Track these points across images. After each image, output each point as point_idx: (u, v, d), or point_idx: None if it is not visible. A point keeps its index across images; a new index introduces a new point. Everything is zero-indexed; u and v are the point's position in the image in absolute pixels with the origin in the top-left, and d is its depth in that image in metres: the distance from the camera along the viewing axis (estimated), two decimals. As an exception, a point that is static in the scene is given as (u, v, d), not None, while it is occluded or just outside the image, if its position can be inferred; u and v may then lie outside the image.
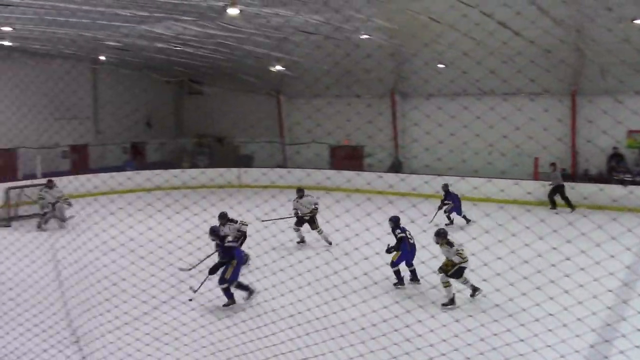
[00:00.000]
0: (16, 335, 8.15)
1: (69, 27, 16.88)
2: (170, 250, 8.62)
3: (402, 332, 7.01)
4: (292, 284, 7.73)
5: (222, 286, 9.27)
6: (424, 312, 7.39)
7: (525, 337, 6.37)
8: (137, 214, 8.38)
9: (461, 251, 9.47)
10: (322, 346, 7.06)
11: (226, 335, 7.51)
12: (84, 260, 8.03)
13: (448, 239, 9.44)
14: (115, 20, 16.44)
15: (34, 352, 7.87)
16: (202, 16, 16.06)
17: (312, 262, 7.88)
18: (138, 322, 8.16)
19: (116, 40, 20.46)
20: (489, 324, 6.73)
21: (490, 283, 7.14)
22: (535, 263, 7.14)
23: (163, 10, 15.11)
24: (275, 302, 7.73)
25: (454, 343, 6.62)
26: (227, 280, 9.25)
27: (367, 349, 7.00)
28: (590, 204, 15.62)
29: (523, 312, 6.86)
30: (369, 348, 7.02)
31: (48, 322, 8.17)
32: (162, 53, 22.77)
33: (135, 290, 8.18)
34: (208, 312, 7.95)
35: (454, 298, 9.30)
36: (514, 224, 7.39)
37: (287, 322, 7.45)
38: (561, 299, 6.64)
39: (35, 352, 7.88)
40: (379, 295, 7.88)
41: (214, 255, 9.74)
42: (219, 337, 7.53)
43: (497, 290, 6.95)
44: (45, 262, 10.33)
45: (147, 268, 8.07)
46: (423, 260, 7.95)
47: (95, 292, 8.13)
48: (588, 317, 6.53)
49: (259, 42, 18.61)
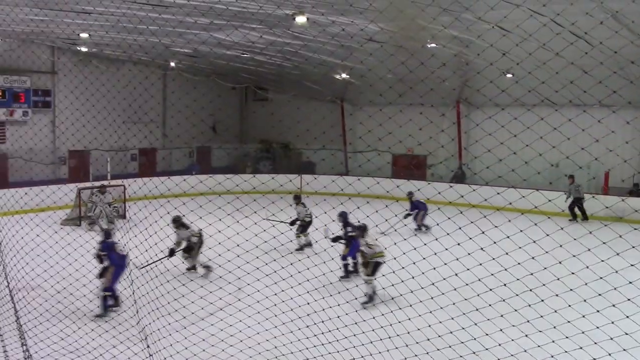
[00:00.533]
0: (88, 330, 8.42)
1: (147, 34, 17.41)
2: (238, 253, 8.73)
3: (468, 344, 6.88)
4: (350, 293, 7.71)
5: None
6: (491, 325, 7.23)
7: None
8: (208, 217, 8.51)
9: (373, 244, 10.04)
10: (386, 355, 7.00)
11: (289, 340, 7.55)
12: (155, 260, 8.23)
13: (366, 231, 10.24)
14: (184, 27, 16.84)
15: (103, 348, 8.12)
16: (270, 24, 16.27)
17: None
18: (204, 323, 8.29)
19: (185, 47, 20.96)
20: (558, 340, 6.52)
21: (563, 298, 6.93)
22: (612, 280, 6.88)
23: (233, 18, 15.39)
24: (339, 309, 7.71)
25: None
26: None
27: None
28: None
29: (596, 329, 6.61)
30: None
31: (118, 318, 8.40)
32: (229, 60, 23.17)
33: (202, 292, 8.31)
34: (273, 316, 7.99)
35: (373, 295, 9.88)
36: (590, 239, 7.15)
37: (349, 329, 7.42)
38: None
39: (104, 347, 8.13)
40: (445, 306, 7.77)
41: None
42: (282, 341, 7.57)
43: (570, 306, 6.75)
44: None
45: (215, 270, 8.20)
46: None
47: (164, 292, 8.30)
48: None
49: (327, 50, 18.71)
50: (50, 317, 8.87)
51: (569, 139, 8.64)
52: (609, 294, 6.57)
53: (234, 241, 9.22)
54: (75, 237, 11.07)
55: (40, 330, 8.41)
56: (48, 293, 10.90)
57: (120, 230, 14.24)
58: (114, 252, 10.27)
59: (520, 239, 7.32)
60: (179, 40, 19.49)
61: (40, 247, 9.16)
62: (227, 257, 8.77)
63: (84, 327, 8.47)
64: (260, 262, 8.36)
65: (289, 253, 8.62)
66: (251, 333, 7.78)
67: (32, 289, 10.41)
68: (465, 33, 15.35)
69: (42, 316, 9.05)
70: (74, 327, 8.54)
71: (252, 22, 16.08)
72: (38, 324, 8.57)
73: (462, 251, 7.44)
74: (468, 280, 7.48)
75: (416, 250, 7.97)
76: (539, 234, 7.19)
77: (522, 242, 7.27)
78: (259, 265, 8.30)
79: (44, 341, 8.19)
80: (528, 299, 7.06)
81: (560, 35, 8.81)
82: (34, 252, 9.37)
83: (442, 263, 7.72)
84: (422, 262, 7.80)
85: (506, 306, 7.22)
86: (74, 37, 20.45)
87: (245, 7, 13.96)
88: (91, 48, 23.62)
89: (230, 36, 18.09)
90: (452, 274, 7.65)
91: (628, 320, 6.56)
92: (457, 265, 7.68)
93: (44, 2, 13.51)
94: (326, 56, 20.16)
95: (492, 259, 7.05)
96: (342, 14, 14.86)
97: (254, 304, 8.27)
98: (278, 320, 7.87)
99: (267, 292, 8.30)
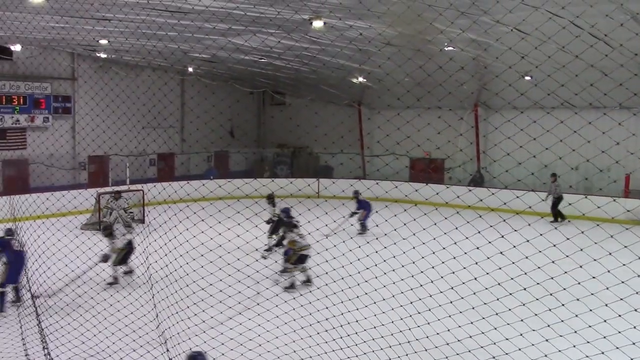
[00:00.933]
0: (108, 334, 8.48)
1: (166, 40, 17.55)
2: (256, 258, 8.77)
3: (488, 349, 6.83)
4: (375, 296, 7.70)
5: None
6: (511, 329, 7.17)
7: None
8: (226, 222, 8.55)
9: (300, 238, 10.99)
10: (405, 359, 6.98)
11: (308, 344, 7.55)
12: (174, 264, 8.28)
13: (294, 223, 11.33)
14: (203, 33, 16.95)
15: (123, 351, 8.17)
16: (288, 29, 16.32)
17: (385, 279, 7.79)
18: (223, 327, 8.32)
19: (204, 53, 21.09)
20: (579, 345, 6.45)
21: (584, 302, 6.87)
22: (634, 284, 6.80)
23: (251, 24, 15.47)
24: (357, 314, 7.70)
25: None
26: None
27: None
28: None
29: (618, 334, 6.53)
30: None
31: (138, 322, 8.46)
32: (247, 65, 23.28)
33: (221, 296, 8.34)
34: (292, 320, 8.01)
35: (293, 285, 10.76)
36: (610, 243, 7.08)
37: (368, 334, 7.41)
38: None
39: (125, 351, 8.19)
40: (465, 311, 7.72)
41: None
42: (301, 345, 7.57)
43: (591, 310, 6.69)
44: (137, 265, 10.72)
45: (234, 275, 8.23)
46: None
47: (183, 296, 8.34)
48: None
49: (345, 54, 18.73)
50: (71, 321, 8.95)
51: (589, 142, 8.57)
52: (631, 299, 6.51)
53: (253, 245, 9.25)
54: (95, 241, 11.20)
55: (61, 334, 8.50)
56: (69, 297, 11.03)
57: (139, 234, 14.35)
58: (9, 249, 10.45)
59: (540, 243, 7.27)
60: (197, 46, 19.63)
61: (62, 251, 9.26)
62: (246, 261, 8.80)
63: (104, 330, 8.53)
64: (279, 266, 8.39)
65: (307, 257, 8.64)
66: (270, 337, 7.79)
67: (53, 293, 10.53)
68: (483, 36, 15.28)
69: (64, 320, 9.14)
70: (95, 331, 8.61)
71: (269, 27, 16.15)
72: (59, 327, 8.66)
73: (482, 255, 7.41)
74: (487, 284, 7.44)
75: (435, 254, 7.95)
76: (559, 237, 7.13)
77: (542, 246, 7.22)
78: (277, 270, 8.32)
79: (65, 345, 8.28)
80: (548, 303, 7.01)
81: (580, 38, 8.75)
82: (55, 256, 9.47)
83: (461, 267, 7.69)
84: (441, 267, 7.78)
85: (526, 310, 7.17)
86: (93, 43, 20.69)
87: (263, 12, 14.03)
88: (111, 54, 23.88)
89: (249, 41, 18.18)
90: (471, 278, 7.62)
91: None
92: (476, 269, 7.64)
93: (64, 9, 13.68)
94: (344, 60, 20.18)
95: (512, 263, 7.01)
96: (360, 18, 14.87)
97: (272, 308, 8.28)
98: (297, 324, 7.88)
99: (285, 296, 8.33)
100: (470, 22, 13.18)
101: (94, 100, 21.96)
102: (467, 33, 14.45)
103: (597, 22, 10.67)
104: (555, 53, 9.48)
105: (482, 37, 15.58)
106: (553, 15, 9.72)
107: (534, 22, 10.73)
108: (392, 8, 12.43)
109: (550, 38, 8.49)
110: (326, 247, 8.42)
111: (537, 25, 10.35)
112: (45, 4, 12.95)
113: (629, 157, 13.46)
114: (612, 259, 6.79)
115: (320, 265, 8.24)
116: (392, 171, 26.02)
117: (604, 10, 10.93)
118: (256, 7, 13.57)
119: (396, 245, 9.10)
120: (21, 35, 18.43)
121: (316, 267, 8.16)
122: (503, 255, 7.08)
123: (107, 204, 18.49)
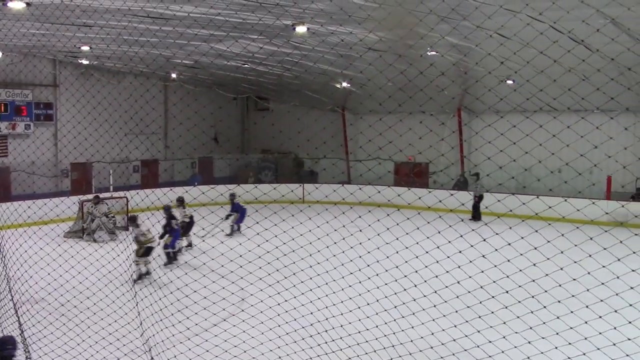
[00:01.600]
0: (92, 343, 8.43)
1: (148, 46, 17.52)
2: (242, 264, 8.76)
3: (472, 352, 6.89)
4: (360, 300, 7.73)
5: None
6: (494, 332, 7.23)
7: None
8: (210, 228, 8.54)
9: (146, 232, 12.40)
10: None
11: (293, 350, 7.56)
12: (158, 272, 8.26)
13: (137, 223, 12.57)
14: (185, 39, 16.94)
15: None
16: (271, 35, 16.36)
17: (369, 283, 7.83)
18: (208, 334, 8.31)
19: (186, 59, 21.07)
20: (562, 346, 6.54)
21: (565, 305, 6.96)
22: (613, 285, 6.90)
23: (233, 30, 15.48)
24: (341, 319, 7.73)
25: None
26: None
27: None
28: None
29: (599, 335, 6.62)
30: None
31: (122, 330, 8.42)
32: (230, 71, 23.28)
33: (206, 302, 8.33)
34: (276, 326, 8.01)
35: (142, 275, 12.06)
36: (590, 245, 7.18)
37: (353, 338, 7.44)
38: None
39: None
40: (448, 314, 7.79)
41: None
42: (286, 351, 7.59)
43: (572, 312, 6.77)
44: (121, 273, 10.67)
45: (218, 281, 8.23)
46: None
47: (167, 303, 8.33)
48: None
49: (327, 60, 18.80)
50: (54, 330, 8.88)
51: (568, 146, 8.68)
52: (611, 300, 6.60)
53: (237, 252, 9.25)
54: (78, 249, 11.13)
55: (44, 343, 8.43)
56: (52, 306, 10.94)
57: (123, 241, 14.29)
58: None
59: (521, 246, 7.35)
60: (179, 52, 19.60)
61: (44, 260, 9.19)
62: (230, 267, 8.80)
63: (88, 339, 8.47)
64: (263, 272, 8.39)
65: (292, 263, 8.65)
66: (255, 343, 7.80)
67: (36, 302, 10.44)
68: (464, 41, 15.42)
69: (46, 329, 9.06)
70: (78, 340, 8.54)
71: (252, 33, 16.18)
72: (42, 337, 8.60)
73: (464, 259, 7.48)
74: (470, 287, 7.50)
75: (418, 258, 8.01)
76: (540, 240, 7.21)
77: (523, 249, 7.29)
78: (261, 276, 8.32)
79: (49, 354, 8.22)
80: (530, 306, 7.08)
81: (559, 43, 8.86)
82: (38, 265, 9.41)
83: (444, 271, 7.75)
84: (424, 270, 7.83)
85: (508, 313, 7.24)
86: (75, 50, 20.58)
87: (245, 19, 14.06)
88: (92, 61, 23.76)
89: (231, 48, 18.19)
90: (454, 281, 7.68)
91: (630, 325, 6.58)
92: (459, 273, 7.71)
93: (45, 16, 13.61)
94: (326, 66, 20.25)
95: (494, 266, 7.08)
96: (341, 24, 14.94)
97: (257, 314, 8.29)
98: (282, 330, 7.89)
99: (270, 302, 8.33)
100: (450, 28, 13.31)
101: (76, 107, 21.82)
102: (448, 38, 14.58)
103: (575, 27, 10.82)
104: (534, 58, 9.60)
105: (463, 42, 15.73)
106: (532, 19, 9.85)
107: (514, 27, 10.85)
108: (373, 14, 12.50)
109: (529, 43, 8.60)
110: (310, 252, 8.45)
111: (516, 30, 10.49)
112: (26, 10, 12.86)
113: (608, 160, 13.66)
114: (592, 261, 6.88)
115: (305, 271, 8.26)
116: (376, 176, 26.14)
117: (582, 15, 11.09)
118: (238, 13, 13.59)
119: (379, 249, 9.16)
120: (1, 42, 18.29)
121: (300, 273, 8.18)
122: (485, 258, 7.15)
123: (88, 209, 18.34)
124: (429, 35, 13.56)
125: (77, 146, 21.53)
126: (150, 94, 27.37)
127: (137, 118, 24.73)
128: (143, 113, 25.27)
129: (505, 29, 11.01)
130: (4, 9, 12.85)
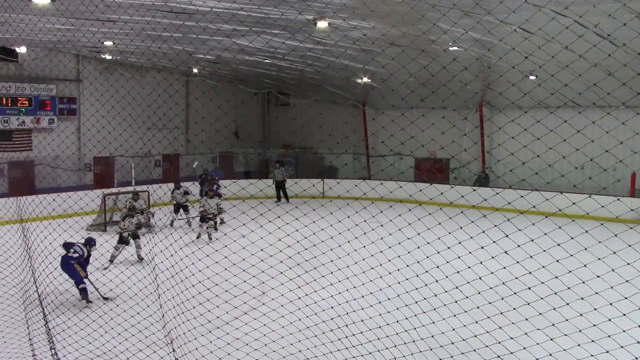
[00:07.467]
0: (114, 335, 8.53)
1: (171, 41, 17.63)
2: (262, 258, 8.82)
3: (493, 348, 6.85)
4: (380, 295, 7.72)
5: None
6: (515, 329, 7.19)
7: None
8: (231, 222, 8.59)
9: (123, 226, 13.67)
10: (410, 359, 7.00)
11: (313, 344, 7.58)
12: (180, 265, 8.31)
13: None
14: (207, 34, 17.01)
15: (130, 352, 8.21)
16: (292, 30, 16.36)
17: (390, 278, 7.81)
18: (229, 327, 8.36)
19: (208, 54, 21.16)
20: (585, 343, 6.46)
21: (589, 301, 6.89)
22: (638, 283, 6.82)
23: (255, 25, 15.51)
24: (362, 313, 7.73)
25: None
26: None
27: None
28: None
29: (623, 333, 6.55)
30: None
31: (144, 323, 8.50)
32: (251, 66, 23.34)
33: (227, 296, 8.38)
34: (297, 320, 8.03)
35: (113, 260, 13.10)
36: (614, 242, 7.10)
37: (373, 333, 7.44)
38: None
39: (131, 352, 8.22)
40: (470, 310, 7.75)
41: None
42: (306, 345, 7.60)
43: (595, 309, 6.69)
44: (143, 266, 10.78)
45: (239, 275, 8.26)
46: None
47: (189, 296, 8.39)
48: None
49: (349, 55, 18.75)
50: (77, 322, 9.01)
51: (593, 142, 8.58)
52: (636, 297, 6.52)
53: (258, 245, 9.29)
54: (101, 242, 11.26)
55: (68, 334, 8.55)
56: (76, 297, 11.10)
57: (145, 235, 14.43)
58: None
59: (545, 242, 7.28)
60: (202, 47, 19.69)
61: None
62: (251, 261, 8.84)
63: (110, 331, 8.58)
64: (284, 266, 8.42)
65: (313, 257, 8.67)
66: (275, 337, 7.83)
67: (60, 294, 10.59)
68: (487, 36, 15.28)
69: (70, 320, 9.20)
70: (101, 332, 8.66)
71: (274, 28, 16.19)
72: (66, 328, 8.72)
73: (486, 254, 7.43)
74: (492, 283, 7.46)
75: (439, 254, 7.98)
76: (563, 237, 7.14)
77: (547, 245, 7.23)
78: (282, 270, 8.35)
79: (72, 345, 8.34)
80: (553, 303, 7.01)
81: (584, 37, 8.75)
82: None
83: (465, 267, 7.71)
84: (445, 266, 7.80)
85: (531, 310, 7.18)
86: (98, 45, 20.77)
87: (267, 13, 14.08)
88: (115, 56, 23.97)
89: (253, 43, 18.23)
90: (476, 277, 7.63)
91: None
92: (481, 269, 7.66)
93: (69, 11, 13.75)
94: (348, 61, 20.20)
95: (516, 262, 7.02)
96: (364, 19, 14.89)
97: (278, 307, 8.32)
98: (302, 324, 7.91)
99: (291, 296, 8.35)
100: (473, 22, 13.20)
101: (99, 102, 22.01)
102: (471, 33, 14.46)
103: (601, 22, 10.66)
104: (559, 52, 9.48)
105: (486, 37, 15.59)
106: (557, 14, 9.73)
107: (538, 22, 10.73)
108: (395, 9, 12.44)
109: (553, 38, 8.49)
110: (331, 247, 8.48)
111: (540, 24, 10.37)
112: (51, 6, 13.01)
113: (634, 156, 13.44)
114: (617, 258, 6.80)
115: (326, 265, 8.28)
116: (397, 171, 26.06)
117: (608, 9, 10.93)
118: (260, 8, 13.61)
119: (401, 245, 9.13)
120: (27, 37, 18.53)
121: (320, 267, 8.19)
122: (507, 254, 7.09)
123: (128, 204, 18.38)
124: (451, 30, 13.46)
125: (100, 140, 21.74)
126: (172, 88, 27.55)
127: (159, 113, 24.87)
128: (165, 108, 25.42)
129: (530, 23, 10.88)
130: (30, 4, 13.02)
